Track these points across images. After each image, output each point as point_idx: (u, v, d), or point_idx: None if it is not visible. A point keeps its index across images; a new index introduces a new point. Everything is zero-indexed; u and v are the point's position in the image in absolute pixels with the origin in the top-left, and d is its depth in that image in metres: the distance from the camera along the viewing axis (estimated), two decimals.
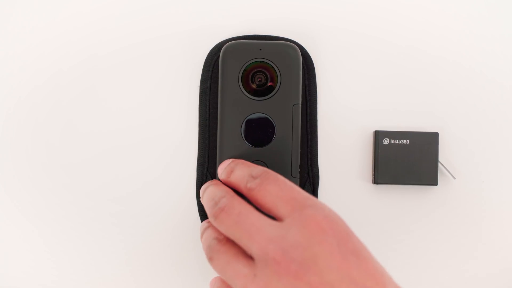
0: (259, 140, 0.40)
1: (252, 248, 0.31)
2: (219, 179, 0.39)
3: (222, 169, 0.39)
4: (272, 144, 0.40)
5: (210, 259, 0.33)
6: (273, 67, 0.41)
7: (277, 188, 0.33)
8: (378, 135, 0.43)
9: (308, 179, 0.43)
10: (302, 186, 0.43)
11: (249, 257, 0.32)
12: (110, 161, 0.45)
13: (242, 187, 0.35)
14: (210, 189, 0.37)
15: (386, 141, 0.43)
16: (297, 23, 0.45)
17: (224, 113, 0.41)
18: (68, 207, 0.45)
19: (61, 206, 0.45)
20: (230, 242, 0.33)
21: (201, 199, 0.39)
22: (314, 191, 0.43)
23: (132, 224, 0.44)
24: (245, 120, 0.41)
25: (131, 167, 0.45)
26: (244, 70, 0.41)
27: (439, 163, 0.43)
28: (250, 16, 0.45)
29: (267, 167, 0.40)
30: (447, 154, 0.44)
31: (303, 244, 0.29)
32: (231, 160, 0.39)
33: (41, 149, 0.45)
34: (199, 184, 0.43)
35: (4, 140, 0.45)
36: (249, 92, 0.41)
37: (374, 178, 0.43)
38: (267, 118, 0.40)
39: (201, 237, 0.36)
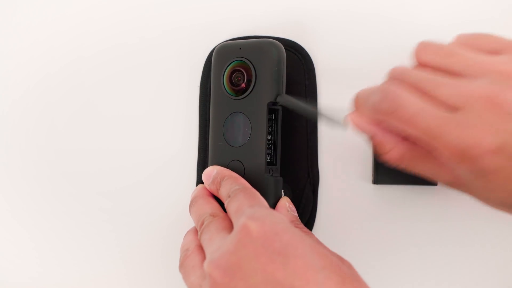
0: (236, 139, 0.40)
1: None
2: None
3: (208, 179, 0.39)
4: (247, 143, 0.40)
5: (179, 267, 0.36)
6: (249, 66, 0.40)
7: (234, 204, 0.34)
8: None
9: (308, 180, 0.43)
10: (302, 186, 0.43)
11: None
12: (109, 160, 0.45)
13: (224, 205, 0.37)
14: (198, 206, 0.38)
15: None
16: (299, 23, 0.45)
17: (211, 113, 0.42)
18: (62, 205, 0.45)
19: (54, 205, 0.45)
20: (197, 251, 0.35)
21: (189, 208, 0.40)
22: (314, 191, 0.43)
23: (127, 222, 0.45)
24: (225, 120, 0.41)
25: (131, 166, 0.45)
26: (226, 70, 0.41)
27: None
28: (252, 16, 0.45)
29: (244, 167, 0.39)
30: None
31: (230, 250, 0.30)
32: (215, 170, 0.39)
33: (39, 145, 0.45)
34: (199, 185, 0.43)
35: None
36: (230, 92, 0.41)
37: (374, 178, 0.43)
38: (243, 117, 0.40)
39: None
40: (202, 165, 0.44)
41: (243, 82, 0.40)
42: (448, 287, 0.43)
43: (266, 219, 0.30)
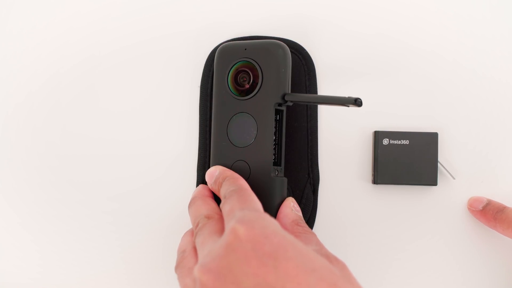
0: (242, 140, 0.40)
1: None
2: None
3: (211, 179, 0.39)
4: (253, 144, 0.39)
5: (175, 268, 0.36)
6: (255, 66, 0.40)
7: (227, 206, 0.34)
8: (378, 136, 0.43)
9: (309, 180, 0.43)
10: (302, 186, 0.43)
11: None
12: (111, 160, 0.45)
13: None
14: (195, 207, 0.38)
15: (385, 141, 0.43)
16: (300, 24, 0.45)
17: (214, 113, 0.41)
18: (64, 205, 0.45)
19: (56, 204, 0.45)
20: (193, 253, 0.35)
21: (188, 208, 0.39)
22: (314, 191, 0.43)
23: (129, 223, 0.45)
24: (230, 120, 0.40)
25: (132, 166, 0.45)
26: (231, 70, 0.41)
27: (438, 163, 0.43)
28: (254, 17, 0.45)
29: (249, 167, 0.39)
30: (447, 155, 0.44)
31: (221, 254, 0.30)
32: (218, 170, 0.39)
33: (40, 147, 0.46)
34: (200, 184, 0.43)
35: (3, 137, 0.46)
36: (235, 92, 0.40)
37: (374, 178, 0.43)
38: (249, 118, 0.40)
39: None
40: (202, 164, 0.44)
41: (248, 82, 0.40)
42: (448, 286, 0.43)
43: (255, 223, 0.30)
